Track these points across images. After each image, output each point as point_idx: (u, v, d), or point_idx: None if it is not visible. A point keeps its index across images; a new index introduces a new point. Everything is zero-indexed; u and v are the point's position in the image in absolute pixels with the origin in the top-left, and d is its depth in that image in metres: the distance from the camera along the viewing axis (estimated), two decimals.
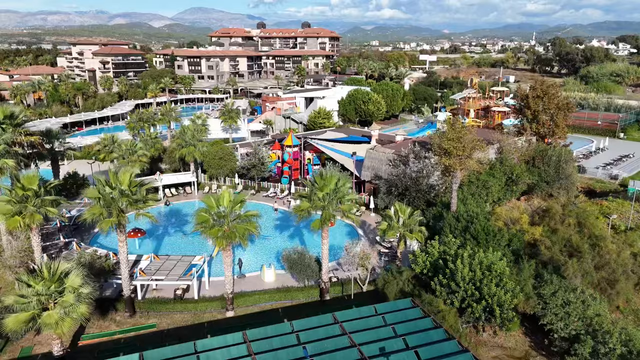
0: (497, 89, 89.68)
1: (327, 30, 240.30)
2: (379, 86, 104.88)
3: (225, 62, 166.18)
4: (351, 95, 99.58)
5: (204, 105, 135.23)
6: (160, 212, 51.55)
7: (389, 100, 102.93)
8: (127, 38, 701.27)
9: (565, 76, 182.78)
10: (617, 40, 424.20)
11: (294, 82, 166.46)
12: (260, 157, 57.49)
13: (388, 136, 71.73)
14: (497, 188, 48.97)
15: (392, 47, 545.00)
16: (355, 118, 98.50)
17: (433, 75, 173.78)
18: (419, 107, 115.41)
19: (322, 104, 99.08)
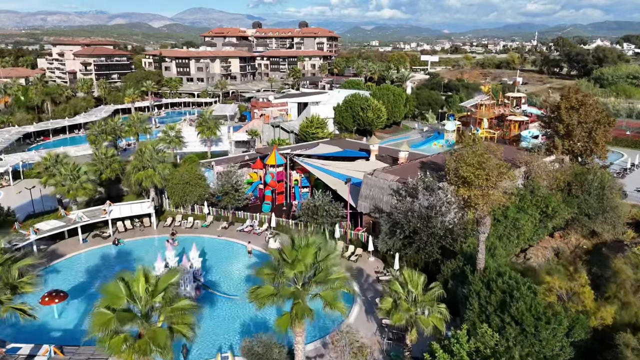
0: (512, 95, 78.85)
1: (325, 30, 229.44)
2: (379, 90, 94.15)
3: (216, 64, 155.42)
4: (348, 101, 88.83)
5: (191, 110, 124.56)
6: (106, 256, 40.80)
7: (390, 106, 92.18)
8: (126, 38, 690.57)
9: (576, 78, 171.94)
10: (622, 40, 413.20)
11: (289, 84, 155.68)
12: (234, 182, 46.59)
13: (390, 150, 60.86)
14: (529, 227, 38.22)
15: (392, 47, 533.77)
16: (353, 127, 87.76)
17: (436, 77, 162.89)
18: (423, 113, 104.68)
19: (316, 111, 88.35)
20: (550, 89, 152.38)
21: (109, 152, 52.25)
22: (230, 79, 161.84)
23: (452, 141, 78.66)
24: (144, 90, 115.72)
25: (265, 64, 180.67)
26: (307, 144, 69.79)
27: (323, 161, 54.88)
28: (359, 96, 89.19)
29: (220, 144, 74.07)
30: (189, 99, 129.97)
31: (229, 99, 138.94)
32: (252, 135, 75.20)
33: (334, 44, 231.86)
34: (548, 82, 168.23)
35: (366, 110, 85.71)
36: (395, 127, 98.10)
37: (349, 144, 66.11)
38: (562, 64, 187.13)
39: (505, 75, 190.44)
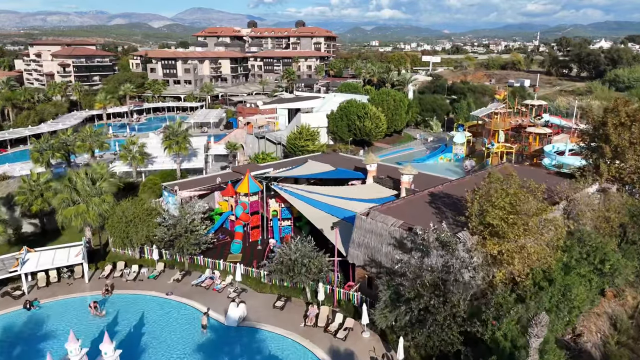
0: (531, 103, 68.06)
1: (323, 30, 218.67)
2: (377, 96, 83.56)
3: (205, 65, 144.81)
4: (343, 108, 78.24)
5: (175, 115, 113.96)
6: (11, 326, 30.22)
7: (390, 113, 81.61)
8: (126, 38, 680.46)
9: (587, 80, 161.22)
10: (626, 40, 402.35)
11: (283, 87, 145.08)
12: (188, 223, 35.75)
13: (390, 170, 50.16)
14: (583, 294, 27.60)
15: (393, 48, 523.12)
16: (349, 137, 77.18)
17: (439, 79, 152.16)
18: (427, 120, 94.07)
19: (307, 119, 77.82)
20: (561, 92, 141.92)
21: (42, 177, 41.67)
22: (220, 81, 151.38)
23: (461, 155, 68.08)
24: (121, 94, 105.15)
25: (259, 65, 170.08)
26: (293, 159, 59.30)
27: (308, 188, 44.32)
28: (355, 103, 78.61)
29: (194, 159, 63.44)
30: (173, 103, 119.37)
31: (217, 103, 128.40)
32: (231, 148, 64.50)
33: (332, 44, 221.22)
34: (558, 85, 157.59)
35: (363, 118, 75.16)
36: (396, 136, 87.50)
37: (342, 161, 55.51)
38: (571, 65, 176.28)
39: (512, 77, 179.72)
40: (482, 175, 36.94)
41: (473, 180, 37.48)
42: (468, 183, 37.33)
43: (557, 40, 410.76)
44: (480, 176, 37.55)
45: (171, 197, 47.46)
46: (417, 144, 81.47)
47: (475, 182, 34.39)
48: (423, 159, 69.77)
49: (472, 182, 36.12)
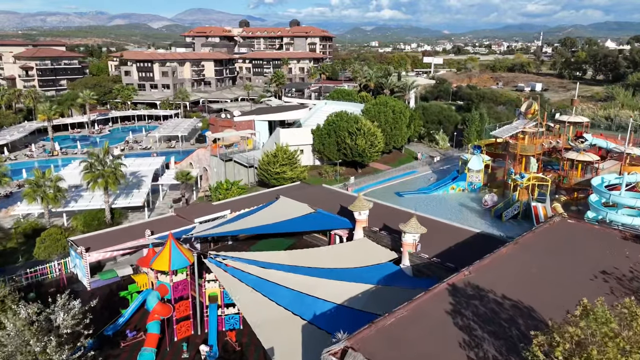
0: (568, 120, 52.97)
1: (318, 29, 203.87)
2: (374, 107, 68.79)
3: (185, 68, 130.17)
4: (331, 122, 63.56)
5: (148, 125, 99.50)
6: None
7: (388, 127, 66.92)
8: (125, 39, 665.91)
9: (604, 83, 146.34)
10: (632, 41, 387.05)
11: (271, 91, 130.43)
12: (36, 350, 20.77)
13: (388, 215, 35.16)
14: None
15: (393, 48, 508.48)
16: (338, 158, 62.52)
17: (443, 83, 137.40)
18: (432, 133, 79.32)
19: (287, 137, 63.27)
20: (579, 97, 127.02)
21: None
22: (204, 85, 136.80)
23: (477, 184, 53.32)
24: (80, 102, 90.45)
25: (247, 68, 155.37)
26: (264, 192, 44.73)
27: (263, 256, 29.58)
28: (346, 116, 63.90)
29: (136, 192, 48.72)
30: (144, 111, 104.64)
31: (197, 111, 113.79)
32: (182, 179, 49.51)
33: (328, 44, 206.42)
34: (572, 89, 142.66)
35: (355, 135, 60.43)
36: (395, 153, 72.77)
37: (326, 196, 40.76)
38: (585, 67, 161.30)
39: (520, 80, 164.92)
40: (535, 238, 22.74)
41: (524, 251, 22.58)
42: (512, 261, 22.32)
43: (561, 40, 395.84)
44: (536, 241, 22.81)
45: (78, 259, 33.08)
46: (421, 165, 66.65)
47: (531, 250, 19.84)
48: (429, 189, 55.03)
49: (521, 256, 21.35)
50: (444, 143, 77.58)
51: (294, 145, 65.60)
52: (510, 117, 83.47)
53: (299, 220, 35.82)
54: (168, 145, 79.96)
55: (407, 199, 52.44)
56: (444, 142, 77.60)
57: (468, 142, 74.76)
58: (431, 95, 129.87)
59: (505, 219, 44.72)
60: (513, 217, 45.25)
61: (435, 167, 65.74)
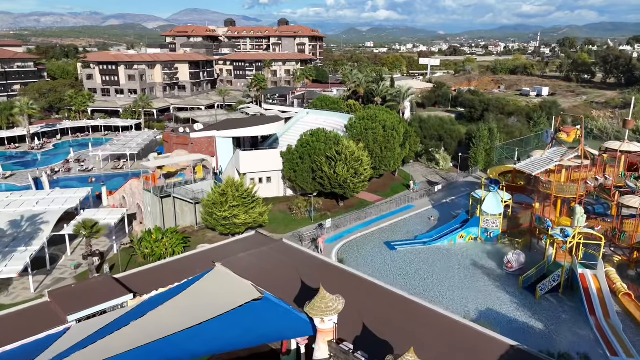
0: (621, 148, 38.30)
1: (307, 29, 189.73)
2: (360, 122, 54.75)
3: (156, 71, 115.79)
4: (305, 144, 49.56)
5: (105, 137, 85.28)
6: None
7: (378, 148, 53.01)
8: (118, 39, 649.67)
9: (616, 87, 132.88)
10: (633, 41, 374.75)
11: (252, 97, 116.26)
12: None
13: (370, 295, 21.25)
14: None
15: (388, 49, 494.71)
16: (313, 188, 48.63)
17: (441, 87, 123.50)
18: (431, 151, 65.50)
19: (249, 162, 49.58)
20: (592, 104, 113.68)
21: None
22: (178, 90, 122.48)
23: (494, 232, 39.43)
24: (17, 112, 76.17)
25: (228, 70, 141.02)
26: (197, 252, 30.70)
27: None
28: (323, 135, 49.96)
29: (20, 250, 34.42)
30: (102, 121, 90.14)
31: (164, 119, 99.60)
32: (86, 232, 34.93)
33: (319, 45, 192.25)
34: (582, 93, 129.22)
35: (335, 161, 46.49)
36: (387, 177, 58.84)
37: (284, 263, 26.61)
38: (594, 69, 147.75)
39: (524, 84, 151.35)
40: None
41: None
42: None
43: (559, 41, 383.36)
44: None
45: None
46: (419, 196, 52.64)
47: None
48: (430, 236, 41.09)
49: None
50: (446, 164, 63.75)
51: (259, 171, 51.75)
52: (524, 132, 69.62)
53: (229, 321, 21.76)
54: (115, 165, 65.78)
55: (401, 252, 38.60)
56: (446, 162, 63.76)
57: (475, 163, 60.97)
58: (428, 101, 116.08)
59: (541, 293, 30.95)
60: (551, 290, 31.49)
61: (436, 200, 51.79)
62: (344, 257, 37.22)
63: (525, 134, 67.98)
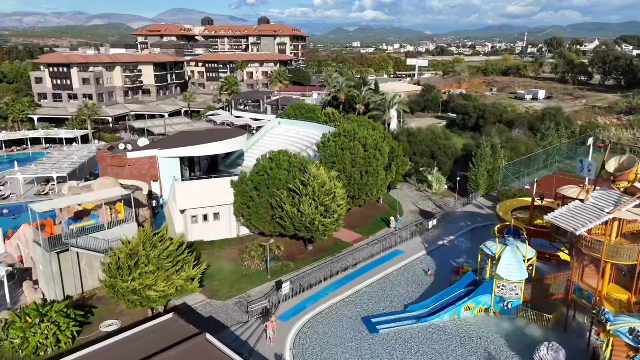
0: None
1: (288, 28, 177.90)
2: (335, 140, 43.21)
3: (116, 73, 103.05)
4: (262, 170, 37.80)
5: (45, 151, 72.65)
6: None
7: (357, 173, 41.58)
8: (102, 39, 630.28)
9: (617, 90, 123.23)
10: (620, 41, 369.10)
11: (223, 101, 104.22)
12: None
13: None
14: None
15: (375, 49, 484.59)
16: (272, 231, 37.08)
17: (431, 91, 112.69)
18: (422, 171, 54.22)
19: (188, 195, 37.90)
20: (594, 108, 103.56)
21: None
22: (142, 95, 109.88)
23: (514, 302, 28.10)
24: None
25: (200, 72, 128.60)
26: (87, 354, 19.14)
27: None
28: (285, 159, 38.27)
29: None
30: (43, 132, 77.24)
31: (119, 129, 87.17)
32: None
33: (301, 45, 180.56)
34: (581, 96, 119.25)
35: (300, 196, 34.96)
36: (370, 207, 47.41)
37: None
38: (591, 71, 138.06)
39: (518, 86, 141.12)
40: None
41: None
42: None
43: (547, 41, 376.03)
44: None
45: None
46: (409, 237, 41.20)
47: None
48: (426, 307, 29.63)
49: None
50: (440, 186, 52.50)
51: (203, 207, 39.93)
52: (531, 147, 58.62)
53: None
54: (39, 191, 53.35)
55: (386, 337, 27.12)
56: (440, 185, 52.50)
57: (476, 187, 49.78)
58: (417, 106, 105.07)
59: None
60: None
61: (431, 241, 40.46)
62: (304, 351, 25.65)
63: (532, 150, 57.05)
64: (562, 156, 61.58)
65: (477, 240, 39.76)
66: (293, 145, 61.66)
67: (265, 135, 66.53)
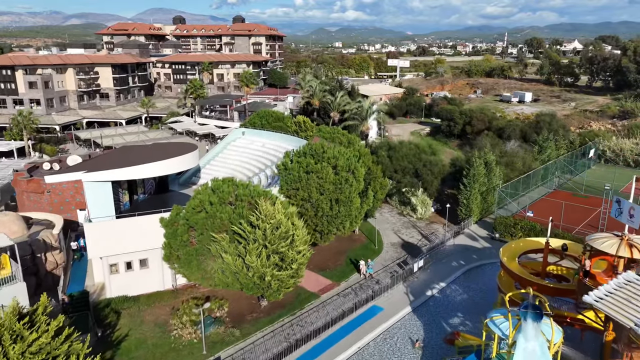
0: None
1: (264, 27, 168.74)
2: (300, 163, 34.70)
3: (68, 76, 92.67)
4: (200, 206, 28.93)
5: None
6: None
7: (326, 202, 33.17)
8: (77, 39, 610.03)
9: (606, 92, 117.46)
10: (599, 41, 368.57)
11: (188, 106, 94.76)
12: None
13: None
14: None
15: (357, 49, 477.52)
16: (212, 285, 28.22)
17: (413, 94, 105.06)
18: (404, 192, 46.12)
19: (103, 241, 28.70)
20: (585, 112, 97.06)
21: None
22: (100, 99, 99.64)
23: None
24: None
25: (167, 74, 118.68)
26: None
27: None
28: (228, 192, 29.47)
29: None
30: None
31: (65, 137, 77.17)
32: None
33: (278, 44, 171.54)
34: (569, 99, 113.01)
35: (247, 241, 26.30)
36: (343, 239, 38.95)
37: None
38: (578, 71, 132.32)
39: (502, 88, 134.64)
40: None
41: None
42: None
43: (527, 41, 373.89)
44: None
45: None
46: (389, 285, 32.89)
47: None
48: None
49: None
50: (425, 210, 44.43)
51: (124, 253, 30.99)
52: (528, 162, 50.95)
53: None
54: None
55: None
56: (425, 208, 44.44)
57: (468, 212, 41.80)
58: (398, 111, 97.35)
59: None
60: None
61: (416, 290, 32.21)
62: None
63: (529, 165, 49.35)
64: (561, 170, 54.26)
65: (474, 287, 31.71)
66: (257, 160, 53.17)
67: (227, 148, 57.90)
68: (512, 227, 38.93)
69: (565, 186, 51.69)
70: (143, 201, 47.22)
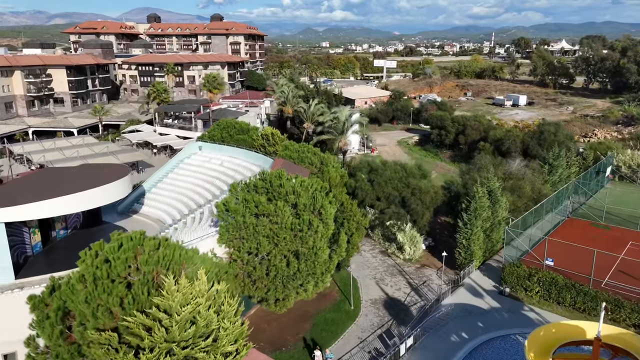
0: None
1: (242, 25, 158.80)
2: (245, 200, 25.38)
3: (15, 79, 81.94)
4: (79, 284, 19.21)
5: None
6: None
7: (280, 257, 23.68)
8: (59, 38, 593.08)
9: (604, 95, 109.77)
10: (586, 41, 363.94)
11: (152, 112, 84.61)
12: None
13: None
14: None
15: (344, 49, 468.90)
16: None
17: (400, 98, 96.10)
18: (389, 225, 36.80)
19: None
20: (585, 117, 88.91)
21: None
22: (54, 104, 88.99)
23: None
24: None
25: (133, 76, 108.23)
26: None
27: None
28: (129, 256, 19.75)
29: None
30: None
31: (2, 154, 66.66)
32: None
33: (258, 44, 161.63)
34: (566, 102, 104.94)
35: (142, 354, 16.61)
36: (306, 303, 29.58)
37: None
38: (573, 72, 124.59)
39: (494, 90, 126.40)
40: None
41: None
42: None
43: (514, 41, 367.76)
44: None
45: None
46: None
47: None
48: None
49: None
50: (414, 250, 35.24)
51: None
52: (537, 186, 41.91)
53: None
54: None
55: None
56: (415, 247, 35.25)
57: (468, 256, 32.60)
58: (384, 116, 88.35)
59: None
60: None
61: None
62: None
63: (539, 190, 40.27)
64: (572, 191, 45.45)
65: None
66: (211, 183, 43.71)
67: (178, 166, 48.54)
68: (526, 280, 29.86)
69: (580, 212, 42.93)
70: (64, 239, 37.75)
